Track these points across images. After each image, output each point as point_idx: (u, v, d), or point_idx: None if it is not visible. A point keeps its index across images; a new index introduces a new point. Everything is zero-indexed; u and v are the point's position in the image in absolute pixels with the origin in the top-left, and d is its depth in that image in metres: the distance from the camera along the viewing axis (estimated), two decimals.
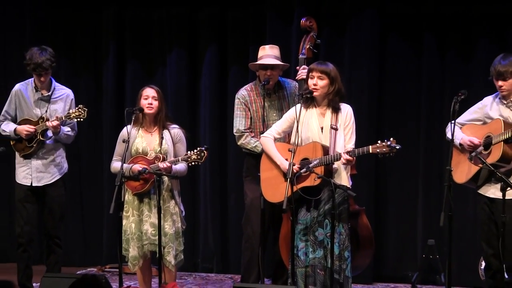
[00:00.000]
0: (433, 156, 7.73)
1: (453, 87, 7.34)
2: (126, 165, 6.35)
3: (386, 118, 7.88)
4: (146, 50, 8.59)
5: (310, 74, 6.06)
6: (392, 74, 7.89)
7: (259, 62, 6.74)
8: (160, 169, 6.25)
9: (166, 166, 6.28)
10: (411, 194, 7.84)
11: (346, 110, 6.07)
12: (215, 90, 8.35)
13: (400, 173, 7.86)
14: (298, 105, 6.10)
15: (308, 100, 6.07)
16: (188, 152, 6.36)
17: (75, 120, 6.81)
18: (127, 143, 6.34)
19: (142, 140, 6.49)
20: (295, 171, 5.84)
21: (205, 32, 8.37)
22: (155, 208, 6.30)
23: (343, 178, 5.96)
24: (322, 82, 6.01)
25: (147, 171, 6.25)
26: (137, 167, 6.31)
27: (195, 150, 6.29)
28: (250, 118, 6.78)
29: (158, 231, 6.22)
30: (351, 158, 5.81)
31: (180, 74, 8.44)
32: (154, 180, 6.25)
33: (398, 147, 5.73)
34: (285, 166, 5.98)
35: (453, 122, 5.85)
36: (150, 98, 6.47)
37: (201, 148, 6.30)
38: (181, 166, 6.43)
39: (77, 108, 6.77)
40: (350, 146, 6.00)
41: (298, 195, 5.89)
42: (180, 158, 6.37)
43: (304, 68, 6.58)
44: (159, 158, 6.37)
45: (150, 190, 6.39)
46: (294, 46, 7.69)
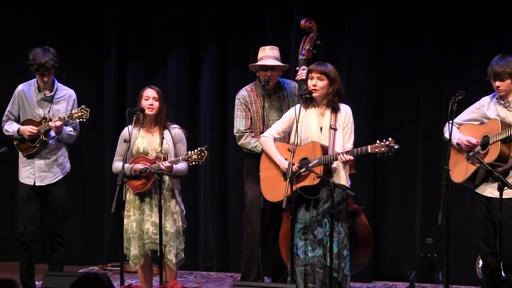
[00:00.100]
0: (431, 155, 7.74)
1: (451, 88, 7.34)
2: (127, 165, 6.36)
3: (385, 118, 7.89)
4: (147, 51, 8.60)
5: (310, 74, 6.06)
6: (390, 75, 7.90)
7: (259, 63, 6.75)
8: (161, 168, 6.27)
9: (167, 165, 6.30)
10: (410, 193, 7.86)
11: (345, 110, 6.08)
12: (216, 91, 8.35)
13: (398, 172, 7.87)
14: (298, 105, 6.10)
15: (307, 100, 6.08)
16: (188, 152, 6.36)
17: (78, 120, 6.82)
18: (128, 143, 6.35)
19: (143, 140, 6.50)
20: (295, 171, 5.85)
21: (205, 33, 8.37)
22: (156, 207, 6.30)
23: (342, 178, 5.98)
24: (321, 83, 6.02)
25: (148, 171, 6.26)
26: (138, 167, 6.32)
27: (196, 150, 6.28)
28: (250, 119, 6.79)
29: (159, 230, 6.22)
30: (350, 158, 5.83)
31: (180, 74, 8.44)
32: (155, 179, 6.25)
33: (396, 147, 5.75)
34: (284, 165, 5.99)
35: (451, 122, 5.88)
36: (150, 99, 6.47)
37: (201, 148, 6.29)
38: (181, 166, 6.43)
39: (79, 108, 6.78)
40: (349, 146, 6.01)
41: (297, 194, 5.89)
42: (180, 158, 6.36)
43: (303, 68, 6.59)
44: (160, 158, 6.37)
45: (151, 190, 6.39)
46: (293, 47, 7.70)
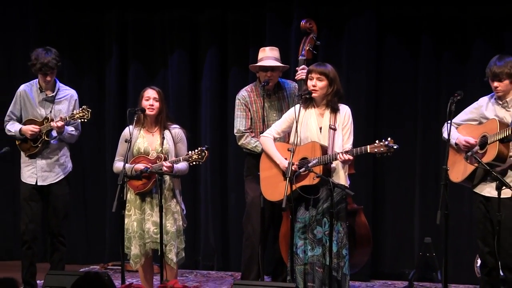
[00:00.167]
0: (430, 155, 7.75)
1: (449, 88, 7.35)
2: (128, 165, 6.37)
3: (384, 118, 7.90)
4: (148, 51, 8.61)
5: (309, 75, 6.08)
6: (389, 75, 7.91)
7: (259, 63, 6.76)
8: (161, 168, 6.29)
9: (167, 165, 6.31)
10: (408, 193, 7.87)
11: (345, 110, 6.10)
12: (216, 91, 8.36)
13: (397, 172, 7.89)
14: (298, 105, 6.11)
15: (307, 100, 6.10)
16: (189, 152, 6.38)
17: (79, 120, 6.84)
18: (129, 143, 6.36)
19: (143, 140, 6.51)
20: (294, 170, 5.86)
21: (206, 34, 8.38)
22: (157, 207, 6.30)
23: (341, 177, 5.99)
24: (321, 83, 6.04)
25: (149, 171, 6.28)
26: (139, 167, 6.33)
27: (196, 150, 6.30)
28: (251, 119, 6.81)
29: (160, 230, 6.23)
30: (349, 158, 5.84)
31: (181, 75, 8.45)
32: (156, 179, 6.27)
33: (395, 147, 5.77)
34: (284, 165, 6.00)
35: (449, 122, 5.87)
36: (151, 99, 6.48)
37: (202, 148, 6.31)
38: (182, 165, 6.44)
39: (81, 108, 6.79)
40: (348, 146, 6.02)
41: (297, 194, 5.91)
42: (181, 157, 6.38)
43: (303, 68, 6.60)
44: (161, 158, 6.39)
45: (152, 189, 6.41)
46: (293, 47, 7.72)
